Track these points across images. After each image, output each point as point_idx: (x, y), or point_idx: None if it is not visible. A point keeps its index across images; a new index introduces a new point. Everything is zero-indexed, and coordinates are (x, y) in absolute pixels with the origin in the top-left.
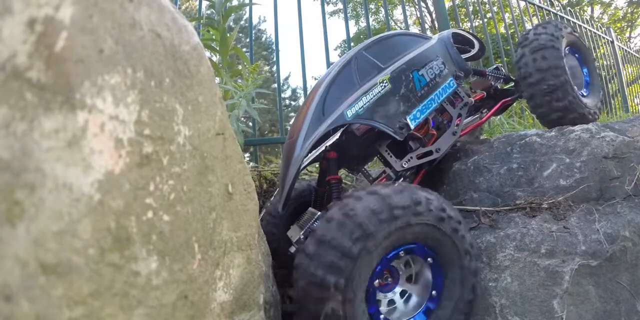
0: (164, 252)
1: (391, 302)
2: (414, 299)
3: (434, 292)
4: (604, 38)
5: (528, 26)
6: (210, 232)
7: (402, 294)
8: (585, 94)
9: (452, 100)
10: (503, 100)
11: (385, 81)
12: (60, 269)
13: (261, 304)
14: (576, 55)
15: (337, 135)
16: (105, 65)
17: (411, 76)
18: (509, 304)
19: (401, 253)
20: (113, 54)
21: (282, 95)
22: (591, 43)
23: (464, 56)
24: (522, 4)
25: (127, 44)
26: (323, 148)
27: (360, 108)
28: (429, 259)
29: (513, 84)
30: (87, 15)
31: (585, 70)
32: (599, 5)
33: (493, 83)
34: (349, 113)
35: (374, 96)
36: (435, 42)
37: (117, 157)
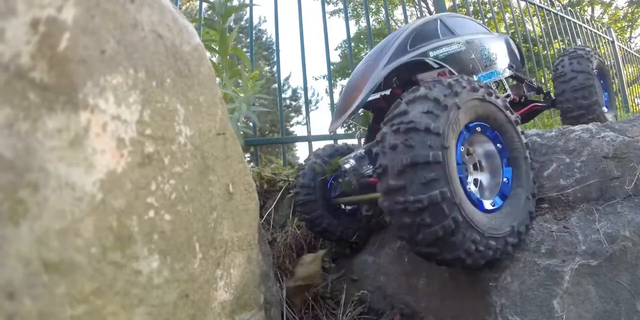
0: (165, 251)
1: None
2: (488, 184)
3: (505, 179)
4: (604, 38)
5: (528, 26)
6: (211, 232)
7: (475, 181)
8: (605, 110)
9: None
10: (533, 104)
11: (462, 43)
12: (63, 267)
13: (262, 303)
14: (600, 79)
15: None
16: (107, 66)
17: (480, 49)
18: (509, 304)
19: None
20: (115, 55)
21: (282, 96)
22: (592, 43)
23: None
24: (523, 4)
25: (129, 44)
26: (377, 96)
27: (441, 53)
28: (498, 145)
29: (543, 96)
30: (89, 16)
31: (605, 93)
32: (600, 5)
33: (526, 91)
34: (432, 53)
35: (453, 49)
36: (500, 36)
37: (119, 157)
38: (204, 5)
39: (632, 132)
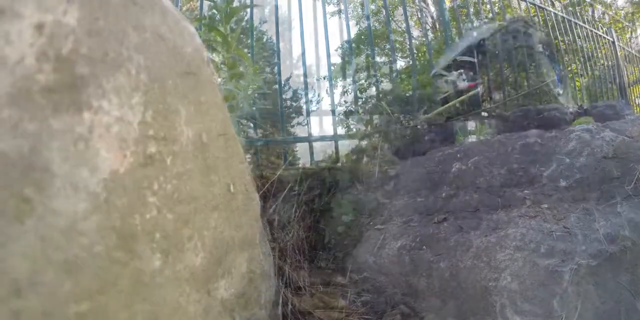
0: (167, 250)
1: None
2: None
3: None
4: (605, 38)
5: None
6: (212, 231)
7: None
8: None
9: None
10: None
11: None
12: (67, 266)
13: (262, 302)
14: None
15: None
16: (110, 68)
17: None
18: (509, 304)
19: None
20: (118, 57)
21: (283, 96)
22: (592, 43)
23: None
24: (523, 4)
25: (132, 46)
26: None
27: None
28: None
29: (577, 107)
30: (93, 18)
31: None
32: (600, 5)
33: None
34: None
35: None
36: None
37: (122, 157)
38: (205, 4)
39: (632, 132)
